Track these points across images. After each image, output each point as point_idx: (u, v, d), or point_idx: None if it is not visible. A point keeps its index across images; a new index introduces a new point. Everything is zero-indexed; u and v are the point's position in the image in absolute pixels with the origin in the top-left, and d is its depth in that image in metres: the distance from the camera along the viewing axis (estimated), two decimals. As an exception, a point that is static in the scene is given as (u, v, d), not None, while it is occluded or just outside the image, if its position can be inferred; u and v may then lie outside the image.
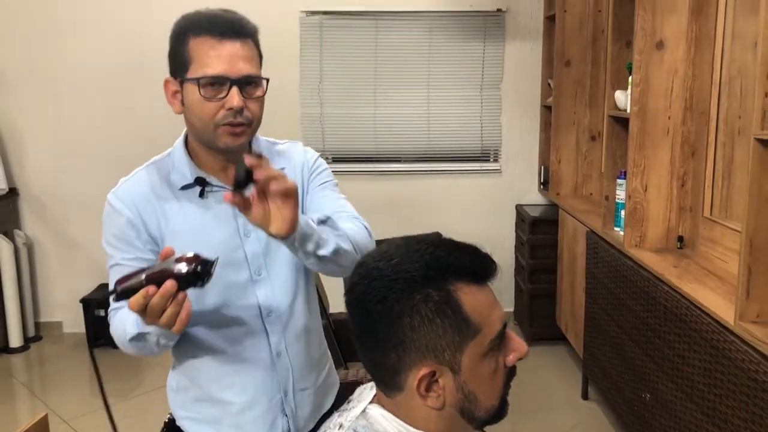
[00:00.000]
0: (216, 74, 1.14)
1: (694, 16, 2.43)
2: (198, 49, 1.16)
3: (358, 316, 0.84)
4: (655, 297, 2.25)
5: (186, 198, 1.24)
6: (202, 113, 1.16)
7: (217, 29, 1.16)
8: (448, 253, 0.82)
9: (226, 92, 1.15)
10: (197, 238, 1.20)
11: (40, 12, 3.81)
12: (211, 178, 1.24)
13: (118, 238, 1.22)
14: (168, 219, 1.23)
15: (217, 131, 1.17)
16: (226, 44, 1.16)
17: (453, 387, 0.81)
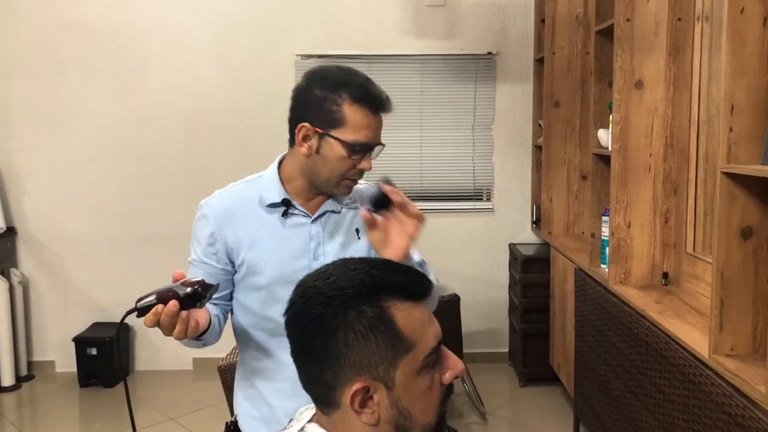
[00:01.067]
0: (365, 143, 1.31)
1: (671, 56, 2.49)
2: (355, 116, 1.30)
3: (295, 334, 0.85)
4: (638, 333, 2.24)
5: (269, 216, 1.39)
6: (337, 168, 1.33)
7: (375, 104, 1.32)
8: (383, 271, 0.84)
9: (361, 156, 1.32)
10: (271, 253, 1.36)
11: (42, 54, 3.94)
12: (296, 202, 1.40)
13: (199, 242, 1.41)
14: (248, 232, 1.38)
15: (340, 183, 1.35)
16: (377, 118, 1.33)
17: (387, 403, 0.82)
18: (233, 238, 1.38)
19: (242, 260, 1.39)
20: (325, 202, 1.42)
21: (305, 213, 1.40)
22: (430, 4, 3.95)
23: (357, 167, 1.33)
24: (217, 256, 1.39)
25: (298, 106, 1.34)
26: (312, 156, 1.33)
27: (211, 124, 4.01)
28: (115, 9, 3.92)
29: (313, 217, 1.40)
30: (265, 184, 1.41)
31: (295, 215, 1.39)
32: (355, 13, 3.95)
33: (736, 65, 1.64)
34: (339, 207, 1.43)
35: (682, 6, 2.46)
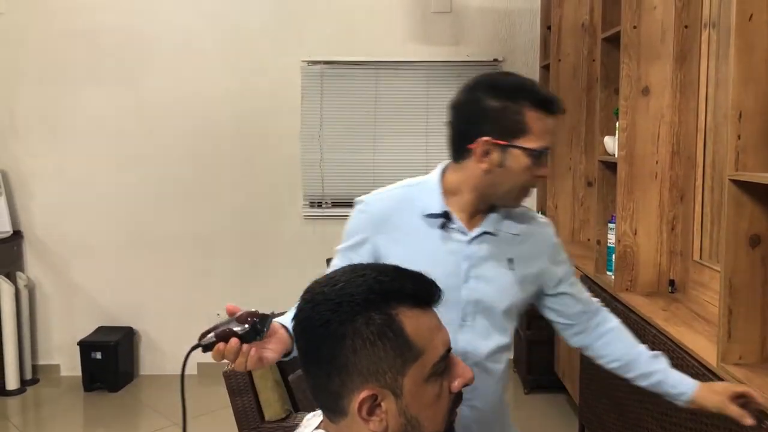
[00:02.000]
0: (546, 147, 1.24)
1: (678, 63, 2.48)
2: (537, 122, 1.22)
3: (303, 341, 0.85)
4: (644, 341, 2.21)
5: (426, 225, 1.32)
6: (520, 179, 1.26)
7: (552, 107, 1.24)
8: (391, 278, 0.83)
9: (542, 162, 1.26)
10: (422, 264, 1.29)
11: (49, 59, 3.95)
12: (455, 216, 1.32)
13: (349, 235, 1.37)
14: (401, 239, 1.32)
15: (519, 193, 1.29)
16: (552, 119, 1.24)
17: (395, 411, 0.81)
18: (384, 244, 1.33)
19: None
20: (484, 221, 1.35)
21: (463, 230, 1.33)
22: (437, 11, 3.96)
23: (537, 175, 1.26)
24: (361, 257, 1.34)
25: (469, 120, 1.26)
26: (493, 171, 1.26)
27: (218, 129, 4.02)
28: (122, 15, 3.93)
29: (470, 236, 1.33)
30: (426, 191, 1.34)
31: (453, 230, 1.32)
32: (361, 20, 3.96)
33: (744, 72, 1.64)
34: (496, 229, 1.35)
35: (689, 13, 2.46)
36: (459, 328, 1.32)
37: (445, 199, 1.32)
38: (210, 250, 4.07)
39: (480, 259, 1.33)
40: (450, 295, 1.29)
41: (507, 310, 1.36)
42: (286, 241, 4.06)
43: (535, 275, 1.38)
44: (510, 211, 1.37)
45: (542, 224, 1.42)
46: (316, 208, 4.08)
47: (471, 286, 1.32)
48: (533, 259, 1.37)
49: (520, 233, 1.36)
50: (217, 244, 4.07)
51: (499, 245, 1.35)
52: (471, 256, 1.32)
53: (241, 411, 2.11)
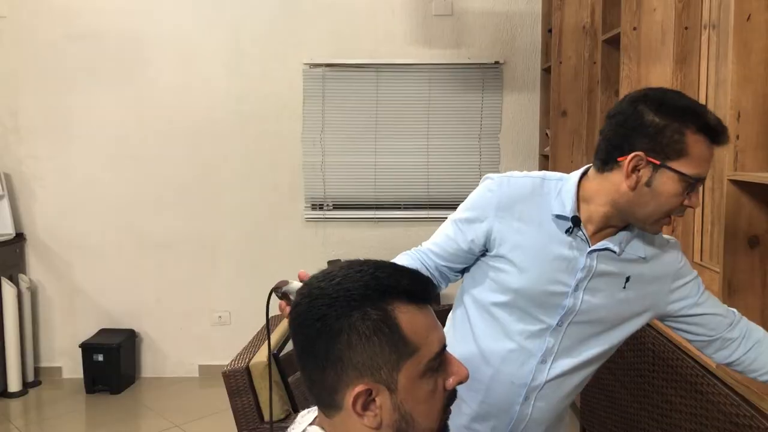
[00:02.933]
0: (702, 176, 1.18)
1: (678, 64, 2.48)
2: (698, 147, 1.16)
3: (299, 335, 0.85)
4: (644, 342, 2.22)
5: (552, 225, 1.28)
6: (666, 204, 1.19)
7: (718, 136, 1.17)
8: (388, 274, 0.84)
9: (689, 191, 1.19)
10: (535, 262, 1.27)
11: (52, 62, 3.97)
12: (582, 225, 1.28)
13: (469, 208, 1.34)
14: (521, 228, 1.28)
15: (660, 220, 1.22)
16: (711, 150, 1.18)
17: (390, 406, 0.82)
18: (500, 228, 1.29)
19: (501, 255, 1.31)
20: (611, 237, 1.30)
21: (586, 240, 1.28)
22: (438, 14, 3.97)
23: (684, 203, 1.20)
24: (474, 233, 1.31)
25: (626, 132, 1.19)
26: (638, 189, 1.19)
27: (220, 131, 4.03)
28: (124, 18, 3.95)
29: (591, 247, 1.29)
30: (562, 191, 1.29)
31: (577, 238, 1.28)
32: (362, 22, 3.97)
33: (742, 73, 1.64)
34: (620, 249, 1.30)
35: (689, 14, 2.46)
36: (552, 331, 1.32)
37: (577, 205, 1.28)
38: (212, 253, 4.08)
39: (596, 273, 1.29)
40: (554, 299, 1.30)
41: (610, 328, 1.34)
42: (287, 243, 4.06)
43: (650, 296, 1.34)
44: (644, 234, 1.32)
45: (670, 246, 1.37)
46: (317, 210, 4.08)
47: (579, 296, 1.30)
48: (652, 283, 1.34)
49: (646, 257, 1.32)
50: (219, 247, 4.08)
51: (620, 265, 1.31)
52: (587, 267, 1.29)
53: (241, 411, 2.12)
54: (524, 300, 1.31)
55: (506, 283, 1.31)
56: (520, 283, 1.30)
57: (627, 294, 1.32)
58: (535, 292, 1.30)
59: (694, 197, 1.19)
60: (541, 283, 1.28)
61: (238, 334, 3.84)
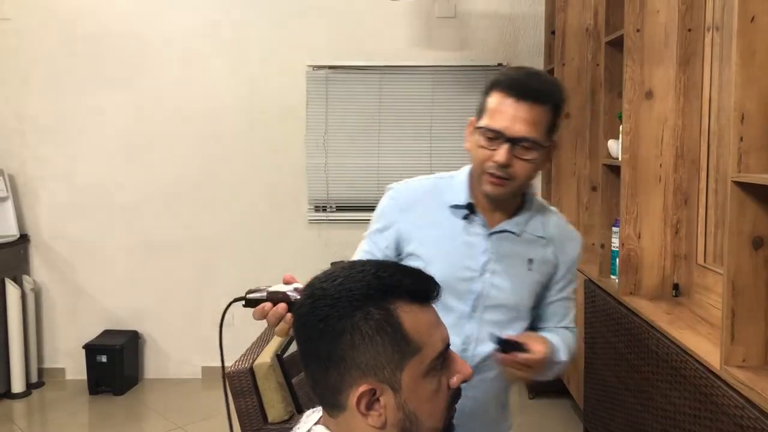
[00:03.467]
0: (496, 129, 1.25)
1: (681, 66, 2.48)
2: (494, 102, 1.27)
3: (302, 336, 0.85)
4: (648, 344, 2.22)
5: (450, 216, 1.37)
6: (476, 157, 1.30)
7: (516, 90, 1.25)
8: (390, 273, 0.84)
9: (497, 146, 1.26)
10: (441, 253, 1.35)
11: (56, 64, 3.99)
12: (478, 210, 1.36)
13: (377, 219, 1.43)
14: (424, 225, 1.37)
15: (482, 176, 1.30)
16: (517, 104, 1.25)
17: (394, 405, 0.82)
18: (407, 228, 1.38)
19: (410, 253, 1.38)
20: (507, 220, 1.38)
21: (485, 225, 1.36)
22: (441, 16, 3.98)
23: (493, 159, 1.27)
24: (386, 240, 1.40)
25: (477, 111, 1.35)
26: (470, 150, 1.33)
27: (224, 133, 4.04)
28: (128, 21, 3.97)
29: (491, 230, 1.37)
30: (455, 184, 1.39)
31: (475, 223, 1.36)
32: (366, 25, 3.98)
33: (746, 74, 1.64)
34: (519, 230, 1.38)
35: (692, 16, 2.46)
36: (468, 318, 1.36)
37: (471, 193, 1.36)
38: (215, 254, 4.09)
39: (499, 255, 1.36)
40: (464, 285, 1.35)
41: (519, 308, 1.39)
42: (291, 245, 4.06)
43: (547, 281, 1.41)
44: (543, 215, 1.41)
45: (570, 236, 1.45)
46: (320, 212, 4.09)
47: (486, 279, 1.35)
48: (551, 267, 1.41)
49: (545, 237, 1.40)
50: (222, 248, 4.08)
51: (522, 246, 1.38)
52: (489, 250, 1.35)
53: (245, 413, 2.12)
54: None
55: None
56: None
57: (533, 276, 1.38)
58: (445, 280, 1.31)
59: (500, 151, 1.26)
60: (449, 271, 1.33)
61: (241, 335, 3.84)
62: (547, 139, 1.30)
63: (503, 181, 1.28)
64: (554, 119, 1.31)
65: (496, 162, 1.26)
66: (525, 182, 1.32)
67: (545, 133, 1.29)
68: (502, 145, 1.25)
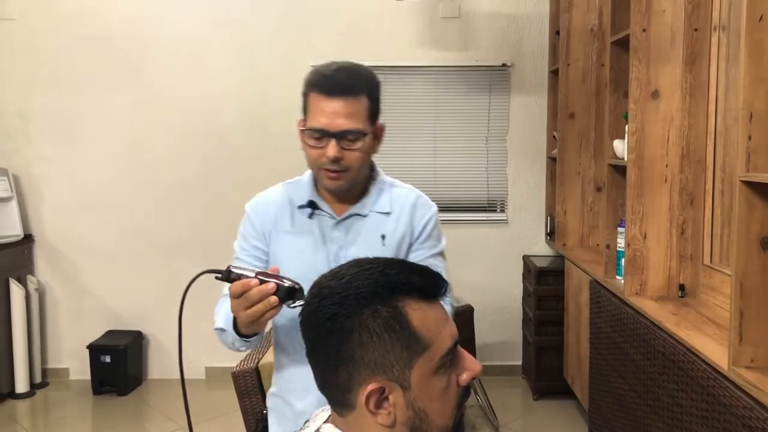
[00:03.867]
0: (319, 128, 1.33)
1: (688, 66, 2.47)
2: (312, 103, 1.35)
3: (310, 335, 0.85)
4: (654, 345, 2.21)
5: (300, 215, 1.45)
6: (309, 157, 1.38)
7: (326, 87, 1.33)
8: (397, 271, 0.83)
9: (327, 143, 1.34)
10: (294, 252, 1.43)
11: (60, 64, 3.99)
12: (324, 204, 1.44)
13: (243, 236, 1.50)
14: (278, 228, 1.45)
15: (320, 173, 1.38)
16: (331, 101, 1.32)
17: (403, 404, 0.81)
18: (267, 231, 1.46)
19: (269, 254, 1.46)
20: (354, 205, 1.45)
21: (331, 215, 1.44)
22: (445, 16, 3.97)
23: (324, 156, 1.34)
24: (255, 249, 1.47)
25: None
26: (304, 149, 1.39)
27: (227, 134, 4.03)
28: (132, 21, 3.97)
29: (338, 219, 1.44)
30: (300, 186, 1.48)
31: (322, 216, 1.44)
32: (370, 24, 3.97)
33: (754, 73, 1.63)
34: (366, 211, 1.45)
35: (698, 16, 2.45)
36: None
37: (316, 189, 1.45)
38: (219, 254, 4.07)
39: (349, 241, 1.43)
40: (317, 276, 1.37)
41: None
42: (294, 245, 4.05)
43: (403, 250, 1.46)
44: (390, 192, 1.47)
45: (420, 203, 1.50)
46: (324, 212, 4.08)
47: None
48: (406, 237, 1.46)
49: (391, 211, 1.46)
50: (226, 248, 4.06)
51: (370, 223, 1.44)
52: (338, 238, 1.43)
53: (250, 412, 2.11)
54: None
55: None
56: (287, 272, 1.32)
57: (388, 251, 1.43)
58: (303, 275, 1.29)
59: (329, 148, 1.32)
60: (305, 265, 1.37)
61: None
62: (370, 126, 1.37)
63: (340, 174, 1.36)
64: (372, 105, 1.38)
65: (328, 158, 1.33)
66: (361, 169, 1.39)
67: (366, 121, 1.36)
68: (330, 142, 1.32)
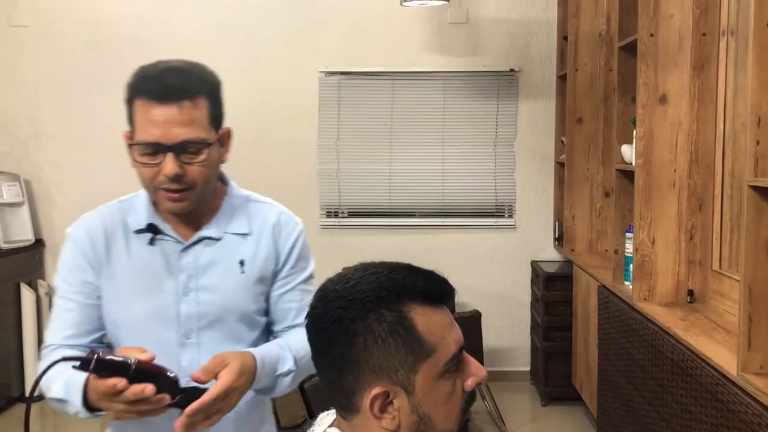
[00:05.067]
0: (152, 141, 1.11)
1: (696, 71, 2.47)
2: (138, 112, 1.14)
3: (315, 338, 0.85)
4: (663, 351, 2.20)
5: (137, 242, 1.21)
6: (143, 176, 1.15)
7: (156, 92, 1.13)
8: (403, 275, 0.83)
9: (163, 158, 1.11)
10: (134, 285, 1.19)
11: (71, 69, 4.03)
12: (166, 226, 1.21)
13: (68, 269, 1.23)
14: (110, 259, 1.21)
15: (157, 194, 1.15)
16: (164, 108, 1.12)
17: (408, 408, 0.81)
18: (97, 263, 1.21)
19: (101, 290, 1.22)
20: (204, 226, 1.22)
21: (177, 239, 1.21)
22: (453, 22, 3.98)
23: (162, 174, 1.12)
24: (86, 285, 1.21)
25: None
26: (135, 169, 1.16)
27: (236, 138, 3.98)
28: (143, 26, 4.00)
29: (185, 244, 1.21)
30: (137, 205, 1.24)
31: (165, 241, 1.21)
32: (378, 30, 3.99)
33: (762, 78, 1.62)
34: (219, 233, 1.23)
35: (707, 21, 2.44)
36: (180, 347, 1.20)
37: (155, 209, 1.21)
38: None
39: (201, 267, 1.21)
40: (167, 312, 1.19)
41: (242, 318, 1.23)
42: (302, 250, 4.06)
43: (270, 277, 1.26)
44: (247, 210, 1.26)
45: (285, 222, 1.31)
46: (332, 217, 4.09)
47: (192, 298, 1.20)
48: (269, 261, 1.25)
49: (251, 232, 1.25)
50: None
51: (226, 249, 1.23)
52: (188, 266, 1.21)
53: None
54: (142, 326, 1.19)
55: (115, 321, 1.21)
56: (129, 313, 1.20)
57: (248, 278, 1.22)
58: (148, 311, 1.19)
59: (166, 164, 1.11)
60: (150, 300, 1.19)
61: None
62: (213, 132, 1.17)
63: (182, 194, 1.14)
64: (214, 108, 1.19)
65: (166, 176, 1.11)
66: (208, 184, 1.18)
67: (209, 127, 1.16)
68: (166, 157, 1.11)
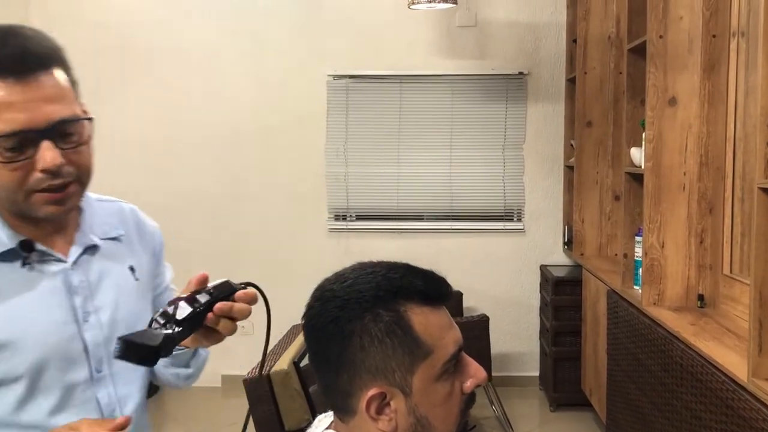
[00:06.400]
0: (17, 130, 0.86)
1: (706, 73, 2.44)
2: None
3: (312, 339, 0.84)
4: (672, 356, 2.17)
5: (7, 270, 0.95)
6: (4, 183, 0.88)
7: (7, 66, 0.89)
8: (400, 275, 0.82)
9: (34, 150, 0.88)
10: (17, 323, 0.93)
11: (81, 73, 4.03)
12: (40, 243, 0.97)
13: None
14: None
15: (30, 200, 0.90)
16: (25, 85, 0.89)
17: (405, 410, 0.80)
18: None
19: None
20: (77, 234, 1.01)
21: (57, 257, 0.98)
22: (462, 25, 3.97)
23: (39, 170, 0.89)
24: None
25: None
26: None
27: (244, 142, 4.06)
28: (151, 31, 4.02)
29: (69, 260, 1.00)
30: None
31: (45, 263, 0.97)
32: (386, 34, 3.99)
33: (772, 78, 1.60)
34: (95, 239, 1.04)
35: (717, 22, 2.42)
36: (94, 383, 1.00)
37: (10, 228, 0.96)
38: (234, 263, 4.10)
39: (94, 284, 1.02)
40: (71, 346, 0.97)
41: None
42: (310, 253, 4.06)
43: (151, 278, 1.15)
44: (104, 209, 1.10)
45: (144, 219, 1.23)
46: (340, 220, 4.09)
47: (94, 323, 1.00)
48: (150, 261, 1.14)
49: (125, 233, 1.10)
50: (242, 257, 4.09)
51: (112, 256, 1.05)
52: (80, 286, 1.00)
53: (262, 420, 2.11)
54: (43, 370, 0.96)
55: (13, 373, 0.95)
56: (25, 359, 0.94)
57: (143, 285, 1.09)
58: (44, 355, 0.95)
59: (43, 155, 0.88)
60: (41, 340, 0.94)
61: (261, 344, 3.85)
62: (82, 106, 0.99)
63: (68, 191, 0.93)
64: (71, 77, 1.00)
65: (45, 171, 0.88)
66: (90, 176, 1.00)
67: (77, 100, 0.98)
68: (41, 145, 0.88)
